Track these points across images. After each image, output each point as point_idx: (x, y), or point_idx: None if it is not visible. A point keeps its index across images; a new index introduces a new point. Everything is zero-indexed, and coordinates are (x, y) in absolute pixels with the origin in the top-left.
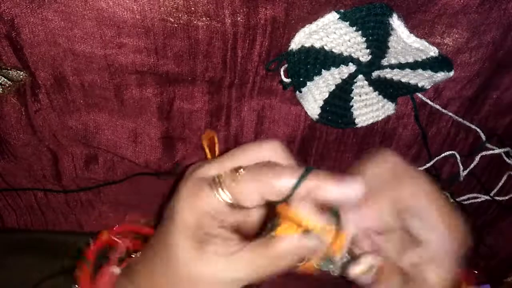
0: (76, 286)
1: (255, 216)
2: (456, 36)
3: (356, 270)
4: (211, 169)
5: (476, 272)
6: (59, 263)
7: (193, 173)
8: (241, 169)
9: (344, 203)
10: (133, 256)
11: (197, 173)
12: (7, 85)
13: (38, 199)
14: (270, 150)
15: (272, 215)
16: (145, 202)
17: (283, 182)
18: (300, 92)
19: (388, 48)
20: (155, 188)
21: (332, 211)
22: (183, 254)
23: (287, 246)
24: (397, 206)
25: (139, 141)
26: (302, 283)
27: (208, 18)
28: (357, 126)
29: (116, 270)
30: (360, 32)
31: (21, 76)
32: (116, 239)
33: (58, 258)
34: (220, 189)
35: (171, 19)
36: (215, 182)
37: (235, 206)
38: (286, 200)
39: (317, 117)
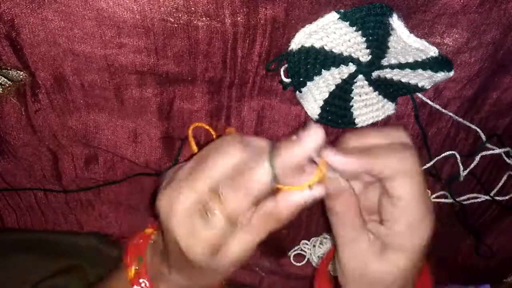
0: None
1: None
2: (456, 36)
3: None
4: (188, 200)
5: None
6: (59, 263)
7: (172, 211)
8: (219, 190)
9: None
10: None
11: (178, 211)
12: (7, 85)
13: (38, 199)
14: (233, 151)
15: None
16: (145, 202)
17: (260, 178)
18: (300, 92)
19: (388, 48)
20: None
21: None
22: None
23: (291, 205)
24: (375, 175)
25: (139, 141)
26: (302, 283)
27: (208, 18)
28: (357, 126)
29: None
30: (360, 32)
31: (21, 76)
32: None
33: (58, 258)
34: (213, 219)
35: (171, 19)
36: (205, 215)
37: (232, 222)
38: (274, 187)
39: (317, 117)
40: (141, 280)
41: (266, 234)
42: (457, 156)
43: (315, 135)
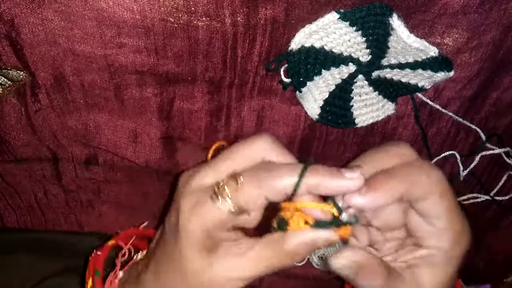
0: None
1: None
2: (456, 36)
3: (336, 265)
4: (207, 177)
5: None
6: (59, 263)
7: (188, 183)
8: (240, 176)
9: (343, 194)
10: (135, 256)
11: (193, 183)
12: (7, 85)
13: (38, 199)
14: (263, 146)
15: (274, 211)
16: (146, 202)
17: (284, 183)
18: (300, 92)
19: (388, 48)
20: (156, 188)
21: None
22: (194, 266)
23: (300, 241)
24: (403, 199)
25: (139, 141)
26: (302, 283)
27: (208, 18)
28: (357, 126)
29: (120, 274)
30: (360, 32)
31: (21, 76)
32: (121, 243)
33: (58, 258)
34: (222, 200)
35: (171, 19)
36: (216, 193)
37: (239, 212)
38: (289, 199)
39: (317, 117)
40: None
41: (266, 269)
42: (457, 156)
43: (356, 182)
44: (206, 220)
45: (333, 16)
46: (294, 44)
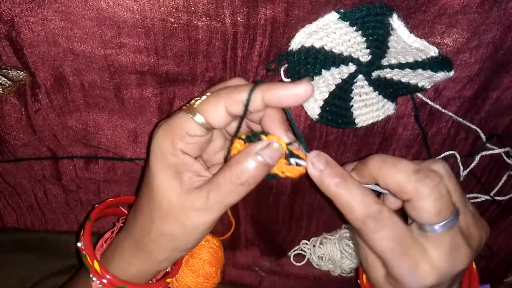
0: (79, 244)
1: (218, 143)
2: (456, 36)
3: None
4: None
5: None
6: (59, 263)
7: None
8: (207, 92)
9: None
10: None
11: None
12: (7, 85)
13: (38, 199)
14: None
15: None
16: None
17: (240, 92)
18: None
19: (388, 48)
20: None
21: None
22: (162, 183)
23: (243, 163)
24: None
25: (139, 141)
26: (302, 283)
27: (208, 18)
28: (357, 126)
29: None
30: (360, 32)
31: (21, 76)
32: (122, 209)
33: (58, 258)
34: (192, 111)
35: (171, 19)
36: (187, 106)
37: (206, 127)
38: (246, 109)
39: (317, 117)
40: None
41: (234, 196)
42: (457, 156)
43: (304, 88)
44: (175, 129)
45: (333, 16)
46: (294, 44)
